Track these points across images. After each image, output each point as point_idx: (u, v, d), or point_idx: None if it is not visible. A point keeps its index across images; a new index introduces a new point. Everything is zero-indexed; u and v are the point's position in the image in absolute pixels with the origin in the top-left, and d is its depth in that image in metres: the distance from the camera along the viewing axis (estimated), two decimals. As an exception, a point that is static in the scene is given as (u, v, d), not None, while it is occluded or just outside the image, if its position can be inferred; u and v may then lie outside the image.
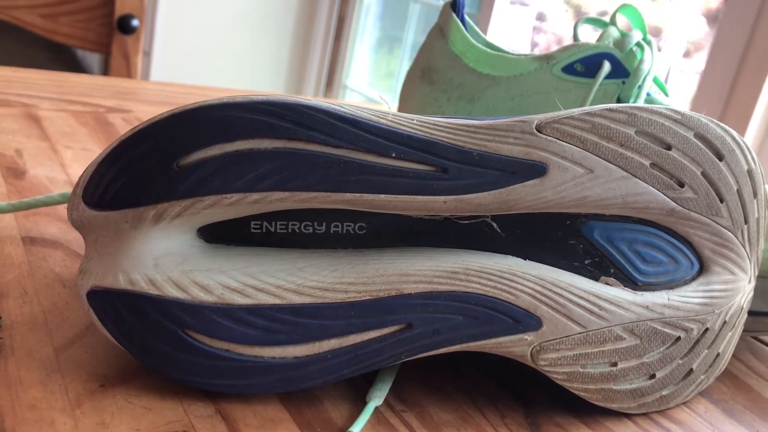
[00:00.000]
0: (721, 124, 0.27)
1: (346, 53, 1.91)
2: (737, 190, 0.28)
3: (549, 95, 0.37)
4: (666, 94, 0.39)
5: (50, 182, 0.42)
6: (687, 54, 1.26)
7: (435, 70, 0.40)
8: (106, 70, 1.29)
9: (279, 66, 1.99)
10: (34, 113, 0.54)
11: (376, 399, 0.26)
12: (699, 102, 1.02)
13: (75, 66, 1.38)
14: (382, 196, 0.25)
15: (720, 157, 0.27)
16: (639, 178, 0.26)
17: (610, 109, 0.26)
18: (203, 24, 1.86)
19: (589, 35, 0.42)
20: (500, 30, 1.44)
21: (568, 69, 0.38)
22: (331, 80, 1.95)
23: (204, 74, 1.89)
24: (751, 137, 0.97)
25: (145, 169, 0.24)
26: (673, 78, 1.24)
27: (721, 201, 0.27)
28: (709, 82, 1.01)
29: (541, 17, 1.55)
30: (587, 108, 0.26)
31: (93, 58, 1.54)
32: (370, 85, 1.96)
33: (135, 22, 1.21)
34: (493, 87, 0.38)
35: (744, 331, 0.34)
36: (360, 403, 0.27)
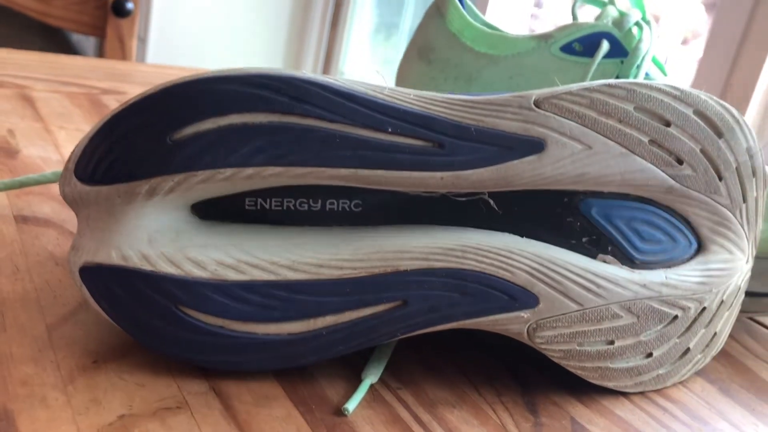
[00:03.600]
0: (721, 102, 0.27)
1: (342, 40, 1.90)
2: (736, 168, 0.27)
3: (547, 75, 0.37)
4: (665, 74, 0.39)
5: (43, 162, 0.41)
6: (685, 42, 1.25)
7: (432, 49, 0.40)
8: (101, 56, 1.28)
9: (275, 53, 1.98)
10: (28, 94, 0.53)
11: (372, 376, 0.26)
12: (697, 89, 1.02)
13: (70, 52, 1.37)
14: (378, 171, 0.25)
15: (719, 135, 0.27)
16: (638, 155, 0.26)
17: (609, 85, 0.26)
18: (199, 10, 1.84)
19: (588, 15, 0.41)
20: (497, 18, 1.43)
21: (567, 48, 0.37)
22: (327, 67, 1.94)
23: (200, 60, 1.88)
24: (749, 123, 0.97)
25: (137, 144, 0.24)
26: (671, 65, 1.23)
27: (720, 179, 0.27)
28: (707, 70, 1.00)
29: (538, 4, 1.54)
30: (586, 83, 0.26)
31: (88, 46, 1.53)
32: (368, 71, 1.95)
33: (130, 5, 1.20)
34: (491, 66, 0.38)
35: (741, 311, 0.34)
36: (355, 381, 0.26)
